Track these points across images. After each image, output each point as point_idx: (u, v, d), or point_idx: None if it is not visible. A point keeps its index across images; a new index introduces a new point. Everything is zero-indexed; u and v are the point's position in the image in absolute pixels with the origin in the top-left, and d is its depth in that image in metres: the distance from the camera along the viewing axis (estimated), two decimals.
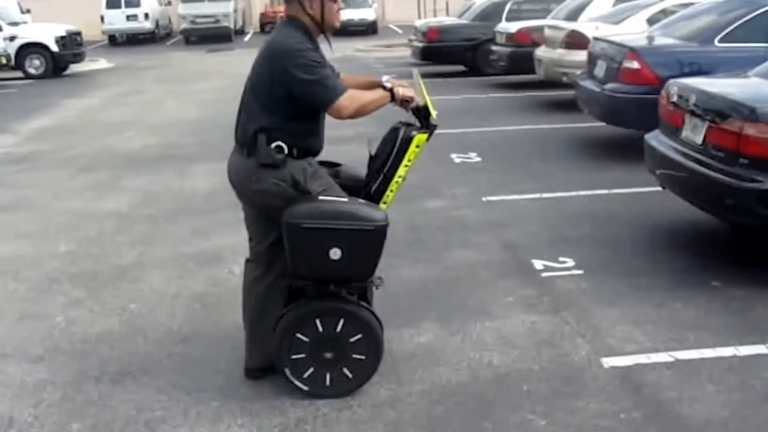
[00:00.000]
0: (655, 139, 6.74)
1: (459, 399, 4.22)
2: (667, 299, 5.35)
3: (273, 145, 4.12)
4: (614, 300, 5.32)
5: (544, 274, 5.88)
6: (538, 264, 6.06)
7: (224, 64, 24.13)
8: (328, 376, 4.20)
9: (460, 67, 18.87)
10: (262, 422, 4.06)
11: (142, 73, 22.31)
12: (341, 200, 4.10)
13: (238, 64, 23.06)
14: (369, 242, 4.00)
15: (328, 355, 4.16)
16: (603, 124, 10.11)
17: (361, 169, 4.46)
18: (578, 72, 11.03)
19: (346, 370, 4.19)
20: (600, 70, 9.89)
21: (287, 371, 4.19)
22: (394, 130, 4.33)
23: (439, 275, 5.90)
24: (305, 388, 4.20)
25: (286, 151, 4.14)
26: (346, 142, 8.53)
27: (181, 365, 4.65)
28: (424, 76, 18.63)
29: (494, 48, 16.78)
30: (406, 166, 4.20)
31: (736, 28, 8.96)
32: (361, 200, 4.16)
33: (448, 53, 18.61)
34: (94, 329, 5.20)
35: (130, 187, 9.00)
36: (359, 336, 4.14)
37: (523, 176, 8.67)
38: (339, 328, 4.12)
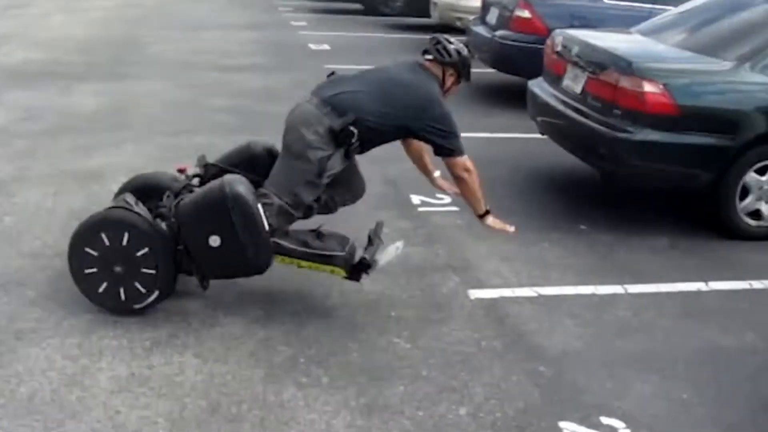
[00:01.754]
0: (538, 86, 6.95)
1: (329, 321, 4.35)
2: (536, 239, 5.58)
3: (353, 131, 4.27)
4: (485, 237, 5.49)
5: (421, 209, 6.05)
6: (416, 199, 6.22)
7: None
8: (122, 291, 4.21)
9: (357, 6, 18.81)
10: (134, 335, 4.11)
11: None
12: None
13: None
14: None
15: (118, 269, 4.17)
16: (493, 70, 10.29)
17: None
18: (471, 18, 11.18)
19: (138, 285, 4.20)
20: (492, 17, 10.06)
21: (79, 286, 4.26)
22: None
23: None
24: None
25: (350, 143, 4.30)
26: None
27: (56, 279, 4.62)
28: (322, 12, 18.48)
29: None
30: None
31: None
32: None
33: None
34: None
35: (10, 102, 8.77)
36: (146, 250, 4.15)
37: None
38: (125, 242, 4.14)
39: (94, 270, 4.18)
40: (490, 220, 4.68)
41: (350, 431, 3.46)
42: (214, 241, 4.10)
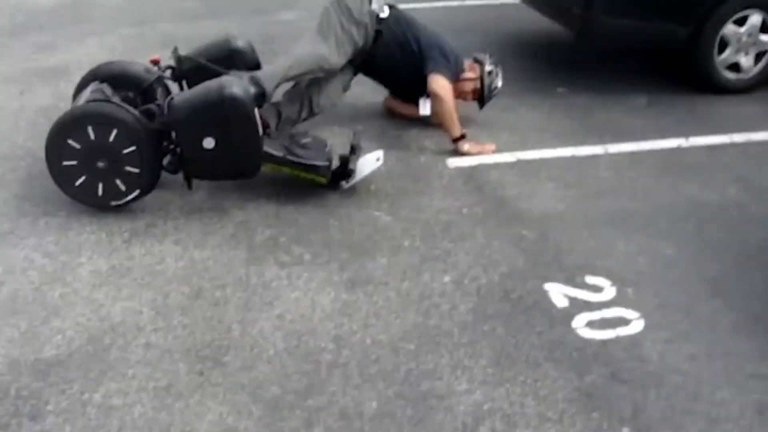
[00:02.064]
0: None
1: (307, 200, 4.30)
2: (513, 104, 5.51)
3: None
4: (460, 104, 5.39)
5: None
6: None
7: None
8: (100, 186, 4.12)
9: None
10: (112, 228, 4.05)
11: None
12: None
13: None
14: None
15: (101, 164, 4.07)
16: None
17: None
18: None
19: (119, 182, 4.11)
20: None
21: (55, 178, 4.15)
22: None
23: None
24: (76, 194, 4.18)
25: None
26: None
27: (28, 178, 4.53)
28: None
29: None
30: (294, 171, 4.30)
31: None
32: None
33: None
34: None
35: None
36: (133, 148, 4.04)
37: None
38: (112, 138, 4.02)
39: (74, 163, 4.07)
40: (467, 146, 4.79)
41: (336, 306, 3.45)
42: (209, 143, 3.99)
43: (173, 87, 4.72)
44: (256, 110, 4.07)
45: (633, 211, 4.23)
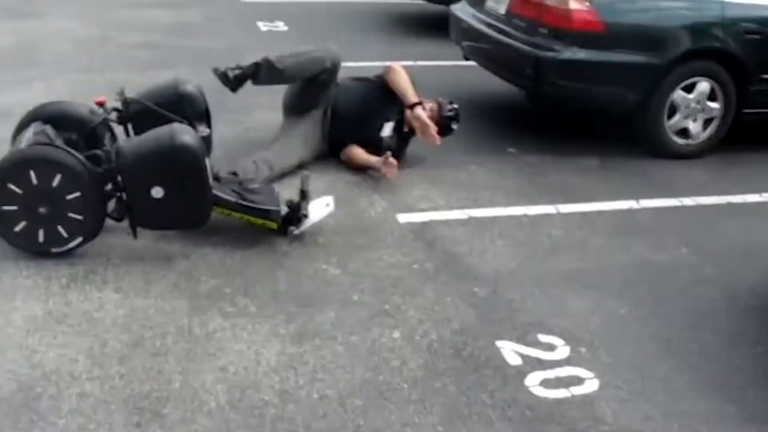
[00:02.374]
0: (461, 9, 6.79)
1: (253, 251, 4.18)
2: (464, 162, 5.48)
3: None
4: (412, 162, 5.38)
5: None
6: None
7: None
8: (41, 232, 3.94)
9: None
10: (50, 273, 3.88)
11: None
12: None
13: None
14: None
15: (42, 210, 3.90)
16: (414, 0, 10.09)
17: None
18: None
19: (61, 228, 3.94)
20: None
21: None
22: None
23: (241, 134, 5.77)
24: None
25: None
26: None
27: None
28: None
29: None
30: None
31: None
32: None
33: None
34: None
35: None
36: (77, 194, 3.88)
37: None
38: (55, 183, 3.85)
39: (14, 208, 3.89)
40: (419, 110, 5.07)
41: (281, 359, 3.32)
42: (157, 192, 3.85)
43: (118, 130, 4.60)
44: (207, 160, 3.96)
45: (585, 270, 4.19)
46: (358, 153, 5.21)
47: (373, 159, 5.10)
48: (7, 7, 10.12)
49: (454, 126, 5.38)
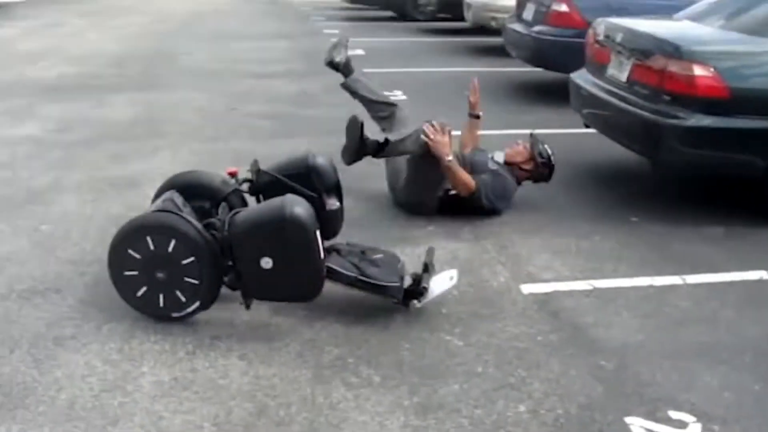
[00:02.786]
0: (581, 77, 6.75)
1: (377, 320, 4.17)
2: (587, 232, 5.39)
3: None
4: (534, 231, 5.33)
5: None
6: None
7: (148, 1, 23.48)
8: (161, 297, 4.03)
9: (389, 13, 18.72)
10: (176, 339, 3.97)
11: (64, 7, 21.54)
12: None
13: (161, 1, 22.58)
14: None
15: (161, 275, 4.00)
16: (531, 68, 10.11)
17: None
18: (507, 16, 11.00)
19: (179, 293, 4.02)
20: (529, 13, 9.88)
21: (117, 288, 4.11)
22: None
23: (364, 206, 5.83)
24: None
25: None
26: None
27: (95, 285, 4.50)
28: (354, 20, 18.46)
29: None
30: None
31: None
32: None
33: None
34: (2, 249, 5.02)
35: (45, 115, 8.69)
36: (192, 259, 3.96)
37: (447, 115, 8.58)
38: (171, 248, 3.96)
39: (135, 273, 4.03)
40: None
41: (405, 431, 3.29)
42: (266, 263, 3.88)
43: (251, 201, 4.67)
44: (318, 233, 3.95)
45: (716, 344, 4.04)
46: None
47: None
48: (137, 80, 10.57)
49: (550, 151, 5.81)
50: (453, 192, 5.53)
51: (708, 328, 4.22)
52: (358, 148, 5.43)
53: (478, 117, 6.30)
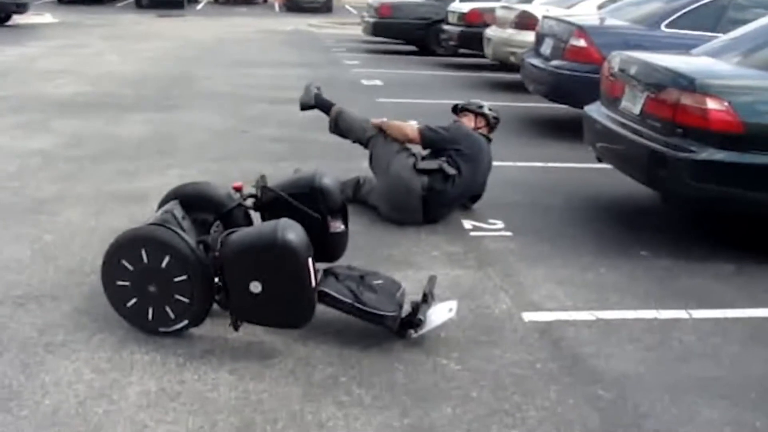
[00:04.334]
0: (595, 110, 6.69)
1: (373, 341, 4.10)
2: (593, 263, 5.31)
3: None
4: (539, 261, 5.26)
5: (473, 233, 5.81)
6: (468, 224, 6.00)
7: (172, 28, 23.63)
8: (150, 311, 3.97)
9: (411, 48, 18.78)
10: (168, 351, 3.91)
11: (88, 30, 21.77)
12: None
13: (186, 28, 22.78)
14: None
15: (152, 289, 3.94)
16: (547, 104, 10.07)
17: None
18: (525, 51, 10.99)
19: (168, 309, 3.96)
20: (547, 47, 9.86)
21: (107, 295, 4.06)
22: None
23: (367, 228, 5.78)
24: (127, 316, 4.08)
25: None
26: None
27: (91, 295, 4.45)
28: (375, 52, 18.57)
29: (445, 27, 16.72)
30: None
31: (683, 15, 9.01)
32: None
33: (399, 30, 18.46)
34: (3, 255, 4.99)
35: (58, 129, 8.73)
36: (184, 277, 3.89)
37: None
38: (164, 264, 3.90)
39: (126, 283, 3.98)
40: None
41: None
42: (255, 287, 3.79)
43: (255, 217, 4.60)
44: (310, 260, 3.85)
45: (718, 379, 3.94)
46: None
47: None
48: (152, 100, 10.61)
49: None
50: (435, 189, 5.87)
51: (711, 363, 4.12)
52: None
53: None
